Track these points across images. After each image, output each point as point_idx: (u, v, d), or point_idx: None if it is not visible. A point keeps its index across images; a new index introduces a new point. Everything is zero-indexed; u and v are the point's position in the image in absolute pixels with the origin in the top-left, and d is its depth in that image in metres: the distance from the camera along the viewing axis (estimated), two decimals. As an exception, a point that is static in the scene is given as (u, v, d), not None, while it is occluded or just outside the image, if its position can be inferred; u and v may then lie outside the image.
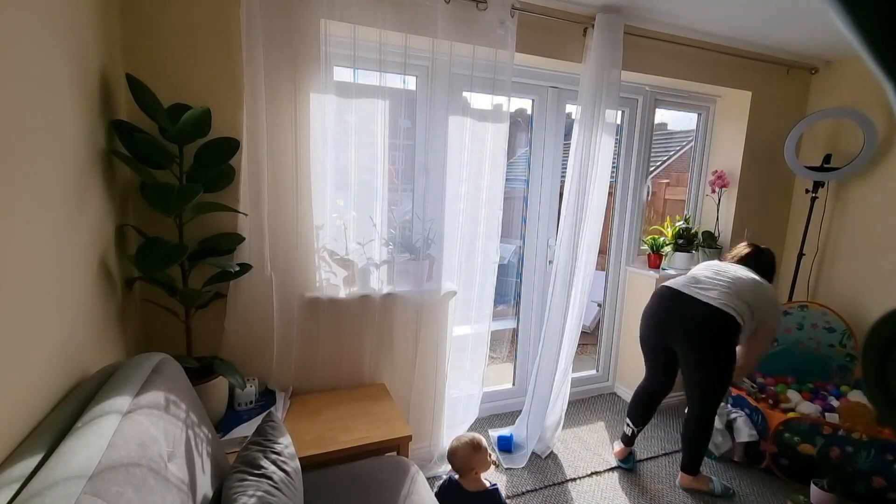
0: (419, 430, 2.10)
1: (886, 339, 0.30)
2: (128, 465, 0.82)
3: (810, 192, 2.70)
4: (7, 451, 0.82)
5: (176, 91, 1.56)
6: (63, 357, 1.04)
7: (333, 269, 1.91)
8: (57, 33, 1.06)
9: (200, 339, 1.68)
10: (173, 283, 1.50)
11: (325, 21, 1.68)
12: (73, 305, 1.10)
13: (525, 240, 2.62)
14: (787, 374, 2.61)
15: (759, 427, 2.19)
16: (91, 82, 1.24)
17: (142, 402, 0.98)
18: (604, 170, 2.24)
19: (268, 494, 1.01)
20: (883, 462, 1.94)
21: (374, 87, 1.82)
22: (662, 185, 4.31)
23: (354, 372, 2.01)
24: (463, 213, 2.06)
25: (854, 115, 2.50)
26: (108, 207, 1.36)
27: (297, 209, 1.77)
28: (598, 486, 2.12)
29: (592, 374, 3.02)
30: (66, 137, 1.08)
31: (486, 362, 2.25)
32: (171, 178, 1.45)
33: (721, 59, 2.55)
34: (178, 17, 1.55)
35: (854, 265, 2.72)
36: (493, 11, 1.90)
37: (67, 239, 1.08)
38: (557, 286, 2.25)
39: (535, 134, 2.51)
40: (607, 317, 2.96)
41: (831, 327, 2.57)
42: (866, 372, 0.31)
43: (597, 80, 2.12)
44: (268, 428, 1.23)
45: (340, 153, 1.82)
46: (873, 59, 0.24)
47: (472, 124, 2.01)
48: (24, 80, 0.90)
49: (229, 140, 1.54)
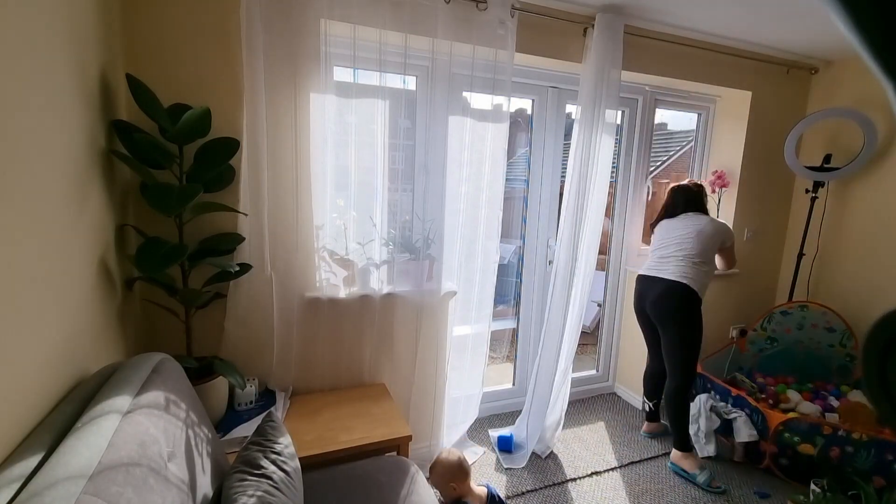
0: (419, 430, 2.10)
1: (886, 338, 0.30)
2: (128, 465, 0.82)
3: (810, 192, 2.70)
4: (7, 451, 0.82)
5: (176, 91, 1.56)
6: (63, 357, 1.04)
7: (333, 269, 1.91)
8: (57, 33, 1.06)
9: (200, 339, 1.68)
10: (173, 283, 1.50)
11: (325, 21, 1.68)
12: (73, 305, 1.10)
13: (525, 240, 2.62)
14: (787, 374, 2.61)
15: (759, 427, 2.18)
16: (91, 82, 1.24)
17: (142, 402, 0.98)
18: (604, 170, 2.24)
19: (268, 494, 1.01)
20: (883, 462, 1.94)
21: (374, 87, 1.82)
22: (662, 185, 4.30)
23: (354, 372, 2.01)
24: (463, 212, 2.06)
25: (854, 115, 2.49)
26: (108, 207, 1.35)
27: (297, 209, 1.77)
28: (598, 486, 2.12)
29: (592, 374, 3.02)
30: (66, 137, 1.08)
31: (486, 362, 2.25)
32: (171, 178, 1.45)
33: (721, 59, 2.55)
34: (179, 16, 1.55)
35: (854, 265, 2.72)
36: (493, 11, 1.90)
37: (67, 239, 1.08)
38: (557, 286, 2.25)
39: (535, 134, 2.51)
40: (607, 317, 2.96)
41: (831, 327, 2.57)
42: (866, 372, 0.31)
43: (597, 80, 2.12)
44: (268, 428, 1.23)
45: (340, 153, 1.82)
46: (873, 60, 0.24)
47: (472, 124, 2.01)
48: (24, 80, 0.90)
49: (229, 140, 1.54)
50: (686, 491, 2.10)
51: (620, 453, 2.36)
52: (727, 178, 2.78)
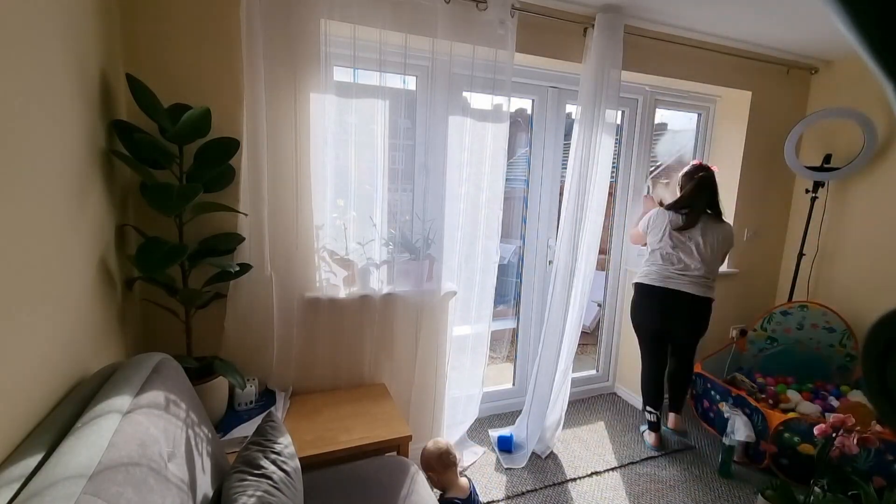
0: (419, 430, 2.10)
1: (886, 339, 0.30)
2: (128, 465, 0.82)
3: (810, 192, 2.70)
4: (7, 451, 0.82)
5: (176, 91, 1.56)
6: (63, 357, 1.04)
7: (333, 269, 1.91)
8: (57, 33, 1.06)
9: (200, 339, 1.68)
10: (173, 283, 1.50)
11: (325, 21, 1.68)
12: (73, 305, 1.10)
13: (525, 240, 2.62)
14: (787, 374, 2.61)
15: (759, 427, 2.18)
16: (91, 82, 1.24)
17: (142, 402, 0.98)
18: (604, 170, 2.24)
19: (268, 494, 1.01)
20: (883, 462, 1.94)
21: (374, 87, 1.82)
22: (662, 185, 4.29)
23: (354, 372, 2.01)
24: (463, 213, 2.06)
25: (854, 115, 2.49)
26: (108, 207, 1.35)
27: (297, 209, 1.77)
28: (598, 486, 2.12)
29: (592, 374, 3.02)
30: (66, 137, 1.08)
31: (486, 362, 2.25)
32: (171, 178, 1.45)
33: (721, 59, 2.55)
34: (179, 16, 1.55)
35: (854, 265, 2.72)
36: (493, 11, 1.90)
37: (67, 239, 1.08)
38: (557, 286, 2.25)
39: (535, 134, 2.51)
40: (607, 317, 2.96)
41: (831, 327, 2.57)
42: (866, 372, 0.31)
43: (597, 80, 2.12)
44: (268, 428, 1.23)
45: (340, 153, 1.82)
46: (873, 60, 0.24)
47: (472, 124, 2.01)
48: (24, 81, 0.90)
49: (229, 140, 1.54)
50: (686, 491, 2.10)
51: (620, 453, 2.36)
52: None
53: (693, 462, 2.31)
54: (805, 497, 1.80)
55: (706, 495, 2.07)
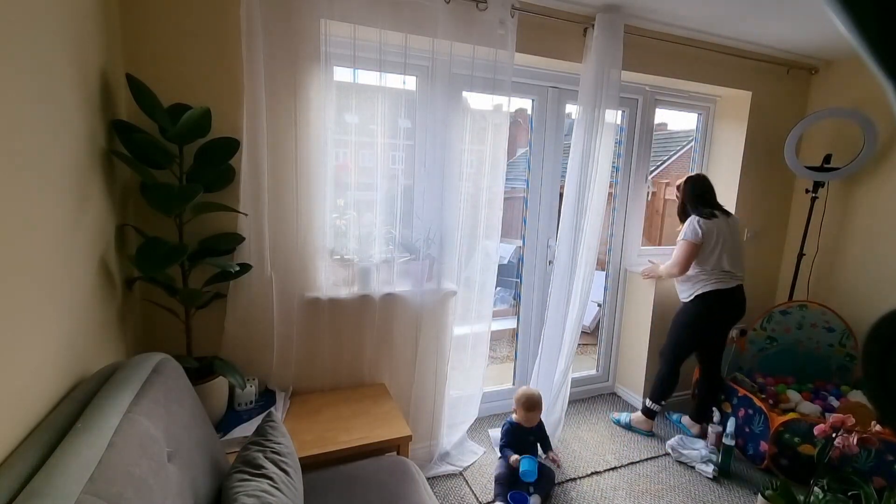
0: (419, 430, 2.10)
1: (887, 339, 0.30)
2: (128, 465, 0.82)
3: (810, 192, 2.70)
4: (7, 451, 0.82)
5: (176, 91, 1.56)
6: (63, 357, 1.04)
7: (333, 269, 1.91)
8: (57, 33, 1.06)
9: (200, 339, 1.68)
10: (173, 283, 1.50)
11: (325, 21, 1.68)
12: (73, 305, 1.10)
13: (525, 240, 2.62)
14: (786, 374, 2.61)
15: (760, 428, 2.18)
16: (91, 82, 1.24)
17: (142, 402, 0.98)
18: (604, 170, 2.24)
19: (268, 494, 1.01)
20: (883, 462, 1.94)
21: (374, 87, 1.82)
22: (662, 185, 4.30)
23: (354, 372, 2.01)
24: (463, 213, 2.06)
25: (854, 115, 2.49)
26: (108, 207, 1.35)
27: (297, 209, 1.77)
28: (598, 486, 2.12)
29: (592, 374, 3.02)
30: (66, 137, 1.08)
31: (486, 362, 2.25)
32: (171, 178, 1.45)
33: (721, 59, 2.55)
34: (179, 16, 1.55)
35: (854, 265, 2.72)
36: (493, 11, 1.90)
37: (67, 239, 1.08)
38: (557, 286, 2.25)
39: (535, 134, 2.51)
40: (607, 317, 2.96)
41: (831, 327, 2.57)
42: (866, 372, 0.31)
43: (597, 80, 2.12)
44: (268, 428, 1.23)
45: (340, 153, 1.82)
46: (873, 60, 0.24)
47: (472, 124, 2.01)
48: (24, 80, 0.90)
49: (229, 140, 1.54)
50: (686, 491, 2.10)
51: (620, 453, 2.36)
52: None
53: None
54: (805, 497, 1.80)
55: (706, 495, 2.07)
